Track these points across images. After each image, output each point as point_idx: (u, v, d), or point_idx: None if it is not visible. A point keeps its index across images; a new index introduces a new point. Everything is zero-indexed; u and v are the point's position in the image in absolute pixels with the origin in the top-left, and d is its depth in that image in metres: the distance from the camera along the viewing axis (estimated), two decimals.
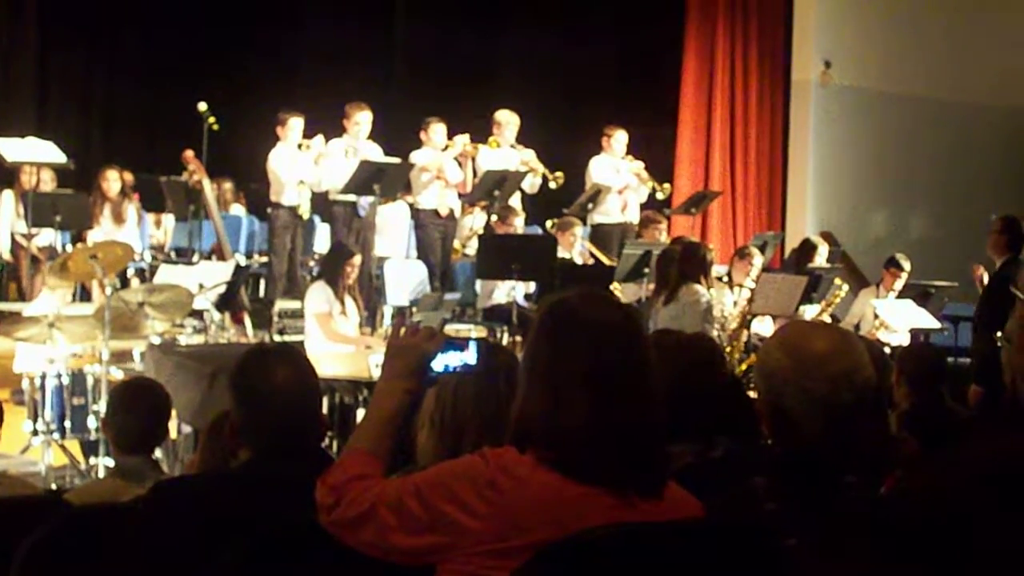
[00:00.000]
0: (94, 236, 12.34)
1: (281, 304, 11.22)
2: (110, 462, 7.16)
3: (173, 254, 13.55)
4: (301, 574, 3.01)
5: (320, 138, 12.45)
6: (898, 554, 1.92)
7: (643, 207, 13.65)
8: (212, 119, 12.57)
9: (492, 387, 3.24)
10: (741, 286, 10.77)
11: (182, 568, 3.20)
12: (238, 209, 14.84)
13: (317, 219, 13.55)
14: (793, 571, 2.72)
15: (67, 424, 8.10)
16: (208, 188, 12.38)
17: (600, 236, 13.35)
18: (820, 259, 11.95)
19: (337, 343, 9.63)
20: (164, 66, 16.14)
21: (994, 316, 8.34)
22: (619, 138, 13.64)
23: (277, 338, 10.40)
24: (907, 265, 12.16)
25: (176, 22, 16.38)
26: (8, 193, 12.54)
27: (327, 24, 16.75)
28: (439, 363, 2.99)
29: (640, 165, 13.65)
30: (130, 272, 12.48)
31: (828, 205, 15.79)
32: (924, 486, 1.99)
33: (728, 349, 10.02)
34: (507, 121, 13.32)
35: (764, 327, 10.94)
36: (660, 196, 13.74)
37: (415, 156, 12.76)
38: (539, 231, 13.40)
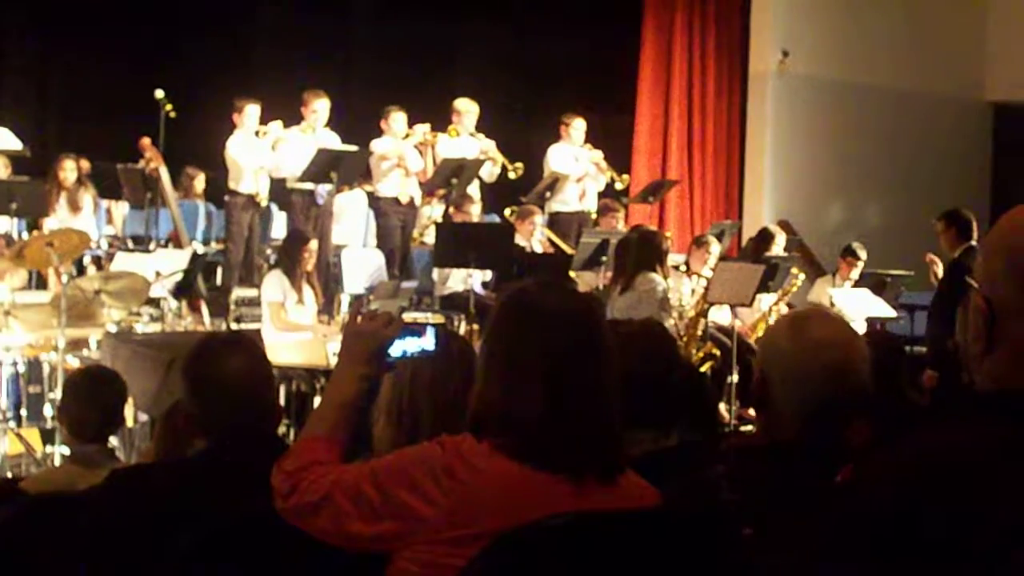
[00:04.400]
0: (50, 224, 12.26)
1: (238, 292, 11.20)
2: (66, 450, 7.12)
3: (130, 242, 13.45)
4: (257, 562, 2.99)
5: (278, 123, 12.41)
6: (846, 543, 1.93)
7: (601, 196, 13.66)
8: (169, 106, 12.50)
9: (448, 374, 3.24)
10: (699, 275, 10.79)
11: (137, 556, 3.18)
12: None
13: (274, 207, 13.49)
14: (748, 560, 2.73)
15: (23, 412, 8.07)
16: (165, 175, 12.31)
17: (558, 224, 13.35)
18: (777, 248, 11.99)
19: (289, 332, 9.61)
20: (120, 53, 16.01)
21: (953, 305, 8.46)
22: (577, 126, 13.63)
23: (234, 326, 10.40)
24: (863, 254, 12.24)
25: (132, 8, 16.26)
26: None
27: (284, 10, 16.67)
28: (397, 348, 2.98)
29: (599, 155, 13.65)
30: (86, 260, 12.39)
31: (785, 194, 15.82)
32: (872, 475, 1.99)
33: (685, 338, 10.04)
34: (466, 110, 13.30)
35: (722, 315, 10.97)
36: (619, 186, 13.76)
37: (375, 144, 12.75)
38: (497, 219, 13.39)
